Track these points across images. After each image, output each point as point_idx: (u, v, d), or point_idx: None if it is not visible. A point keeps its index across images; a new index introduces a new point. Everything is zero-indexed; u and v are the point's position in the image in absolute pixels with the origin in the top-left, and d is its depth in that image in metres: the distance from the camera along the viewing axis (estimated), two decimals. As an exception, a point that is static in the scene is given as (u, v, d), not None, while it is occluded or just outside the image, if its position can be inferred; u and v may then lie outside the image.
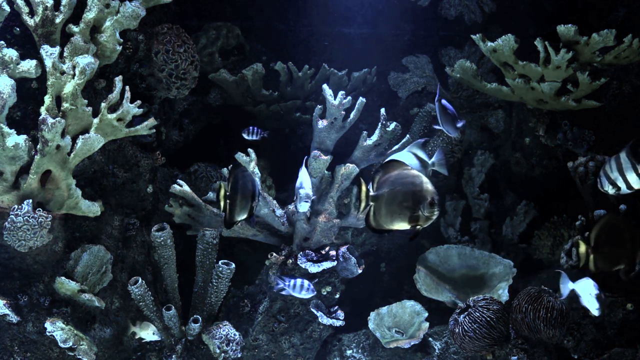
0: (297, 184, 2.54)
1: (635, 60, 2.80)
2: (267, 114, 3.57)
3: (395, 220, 2.04)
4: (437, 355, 3.10)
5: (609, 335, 2.66)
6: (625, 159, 2.41)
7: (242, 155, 2.89)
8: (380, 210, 2.06)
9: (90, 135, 2.35)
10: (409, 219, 2.00)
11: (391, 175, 2.05)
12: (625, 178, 2.40)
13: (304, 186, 2.51)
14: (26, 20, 2.41)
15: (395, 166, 2.08)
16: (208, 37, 3.48)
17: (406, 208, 1.99)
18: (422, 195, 1.97)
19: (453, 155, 3.59)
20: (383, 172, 2.08)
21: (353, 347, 3.22)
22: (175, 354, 2.84)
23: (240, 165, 2.48)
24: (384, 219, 2.05)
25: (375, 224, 2.10)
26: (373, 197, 2.07)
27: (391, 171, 2.06)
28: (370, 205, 2.08)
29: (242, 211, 2.27)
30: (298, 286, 2.80)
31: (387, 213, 2.04)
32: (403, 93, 3.80)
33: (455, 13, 3.62)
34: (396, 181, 2.03)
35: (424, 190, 1.97)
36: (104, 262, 2.62)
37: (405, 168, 2.06)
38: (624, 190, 2.44)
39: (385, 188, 2.04)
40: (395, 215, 2.02)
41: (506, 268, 3.22)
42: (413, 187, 1.99)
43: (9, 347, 2.47)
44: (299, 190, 2.51)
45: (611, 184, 2.45)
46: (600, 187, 2.51)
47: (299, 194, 2.51)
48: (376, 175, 2.08)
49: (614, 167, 2.43)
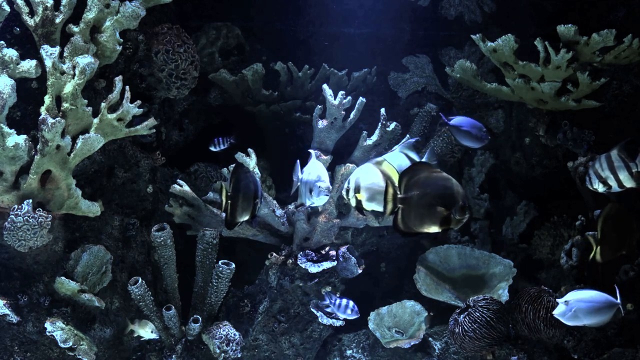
0: (309, 177, 2.36)
1: (635, 60, 2.80)
2: (267, 114, 3.57)
3: (425, 223, 1.99)
4: (437, 355, 3.10)
5: (609, 335, 2.66)
6: (616, 157, 2.41)
7: (242, 155, 2.89)
8: (410, 213, 2.00)
9: (90, 135, 2.35)
10: (440, 222, 1.97)
11: (420, 178, 2.00)
12: (616, 176, 2.41)
13: (322, 178, 2.33)
14: (26, 20, 2.41)
15: (423, 168, 2.03)
16: (208, 37, 3.48)
17: (437, 211, 1.95)
18: (454, 198, 1.93)
19: (453, 155, 3.59)
20: (411, 174, 2.02)
21: (353, 347, 3.22)
22: (175, 354, 2.84)
23: (242, 165, 2.45)
24: (413, 222, 2.00)
25: (404, 226, 2.04)
26: (402, 200, 2.01)
27: (419, 173, 2.01)
28: (399, 208, 2.02)
29: (244, 212, 2.26)
30: (343, 306, 2.82)
31: (417, 216, 1.99)
32: (403, 93, 3.80)
33: (455, 13, 3.62)
34: (426, 183, 1.98)
35: (455, 193, 1.94)
36: (104, 262, 2.63)
37: (434, 170, 2.03)
38: (615, 188, 2.44)
39: (415, 190, 1.99)
40: (425, 218, 1.98)
41: (506, 268, 3.22)
42: (445, 190, 1.95)
43: (9, 347, 2.47)
44: (316, 184, 2.32)
45: (602, 182, 2.45)
46: (590, 185, 2.50)
47: (316, 186, 2.32)
48: (404, 177, 2.03)
49: (605, 165, 2.43)
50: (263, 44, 3.80)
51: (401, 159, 2.41)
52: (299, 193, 2.44)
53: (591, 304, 2.25)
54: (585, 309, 2.26)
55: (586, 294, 2.29)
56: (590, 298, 2.27)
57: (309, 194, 2.35)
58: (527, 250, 3.44)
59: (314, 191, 2.33)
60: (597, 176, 2.45)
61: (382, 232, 3.54)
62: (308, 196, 2.36)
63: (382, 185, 2.14)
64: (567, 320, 2.31)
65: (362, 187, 2.18)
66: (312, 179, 2.35)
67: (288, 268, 3.06)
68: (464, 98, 3.68)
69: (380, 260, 3.62)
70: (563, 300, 2.31)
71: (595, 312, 2.26)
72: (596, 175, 2.46)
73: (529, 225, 3.49)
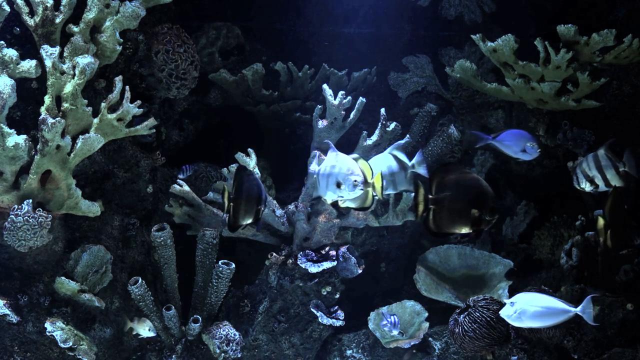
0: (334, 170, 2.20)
1: (635, 60, 2.80)
2: (267, 114, 3.57)
3: (457, 224, 2.01)
4: (437, 355, 3.10)
5: (609, 335, 2.66)
6: (603, 157, 2.43)
7: (242, 155, 2.89)
8: (441, 214, 2.01)
9: (90, 135, 2.35)
10: (471, 223, 1.97)
11: (450, 178, 2.02)
12: (604, 175, 2.42)
13: (356, 171, 2.18)
14: (26, 20, 2.41)
15: (453, 169, 2.05)
16: (208, 37, 3.48)
17: (469, 212, 1.96)
18: (486, 199, 1.96)
19: (453, 155, 3.59)
20: (441, 175, 2.04)
21: (353, 347, 3.22)
22: (175, 354, 2.84)
23: (245, 168, 2.42)
24: (445, 223, 2.02)
25: (435, 227, 2.05)
26: (433, 201, 2.02)
27: (449, 174, 2.03)
28: (430, 209, 2.03)
29: (247, 215, 2.22)
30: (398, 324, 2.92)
31: (449, 217, 2.00)
32: (403, 93, 3.80)
33: (455, 13, 3.62)
34: (457, 184, 2.00)
35: (486, 194, 1.96)
36: (104, 262, 2.63)
37: (464, 171, 2.04)
38: (602, 187, 2.45)
39: (446, 191, 2.00)
40: (457, 219, 2.00)
41: (506, 268, 3.23)
42: (477, 191, 1.97)
43: (9, 347, 2.47)
44: (348, 176, 2.16)
45: (589, 181, 2.46)
46: (577, 185, 2.52)
47: (348, 179, 2.16)
48: (434, 178, 2.04)
49: (592, 164, 2.45)
50: (263, 44, 3.80)
51: (389, 161, 2.41)
52: (315, 186, 2.32)
53: (536, 309, 2.27)
54: (529, 313, 2.28)
55: (534, 299, 2.31)
56: (537, 303, 2.28)
57: (337, 188, 2.20)
58: (527, 250, 3.44)
59: (345, 184, 2.18)
60: (584, 175, 2.47)
61: (382, 232, 3.53)
62: (334, 189, 2.22)
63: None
64: (511, 321, 2.34)
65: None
66: (340, 171, 2.19)
67: (288, 268, 3.06)
68: (464, 98, 3.68)
69: (380, 260, 3.62)
70: (510, 301, 2.32)
71: (540, 316, 2.27)
72: (583, 174, 2.47)
73: (529, 225, 3.49)
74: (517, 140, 2.70)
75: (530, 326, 2.38)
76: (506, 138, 2.72)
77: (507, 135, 2.73)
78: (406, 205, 3.07)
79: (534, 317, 2.29)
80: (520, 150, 2.69)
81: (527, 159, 2.73)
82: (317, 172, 2.28)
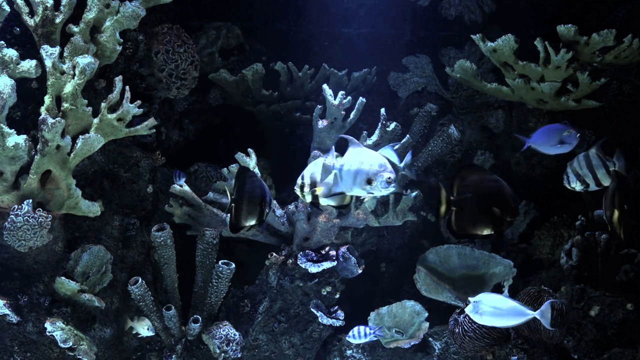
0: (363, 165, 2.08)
1: (635, 60, 2.80)
2: (267, 114, 3.57)
3: (479, 225, 2.02)
4: (437, 355, 3.10)
5: (609, 335, 2.66)
6: (594, 156, 2.43)
7: (242, 155, 2.89)
8: (464, 215, 2.02)
9: (90, 135, 2.35)
10: (493, 224, 1.99)
11: (472, 180, 2.02)
12: (594, 174, 2.42)
13: (387, 167, 2.07)
14: (26, 20, 2.41)
15: (474, 170, 2.06)
16: (208, 37, 3.48)
17: (491, 213, 1.98)
18: (507, 200, 1.97)
19: (453, 155, 3.59)
20: (462, 176, 2.04)
21: (353, 347, 3.22)
22: (175, 354, 2.84)
23: (247, 169, 2.40)
24: (467, 224, 2.03)
25: (457, 229, 2.06)
26: (455, 202, 2.03)
27: (471, 175, 2.04)
28: (452, 211, 2.03)
29: (250, 216, 2.20)
30: (362, 333, 2.88)
31: (471, 218, 2.02)
32: (403, 93, 3.80)
33: (455, 13, 3.62)
34: (479, 186, 2.01)
35: (507, 195, 1.97)
36: (104, 262, 2.63)
37: (485, 172, 2.05)
38: (592, 187, 2.46)
39: (468, 193, 2.01)
40: (479, 220, 2.01)
41: (506, 268, 3.22)
42: (498, 192, 1.98)
43: (9, 347, 2.47)
44: (381, 173, 2.06)
45: (580, 180, 2.47)
46: (567, 184, 2.52)
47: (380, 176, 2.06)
48: (456, 180, 2.04)
49: (583, 163, 2.45)
50: (263, 44, 3.80)
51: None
52: (336, 182, 2.17)
53: (493, 310, 2.32)
54: (488, 312, 2.32)
55: (493, 300, 2.34)
56: (495, 304, 2.32)
57: (366, 184, 2.09)
58: (527, 250, 3.44)
59: (376, 181, 2.07)
60: (575, 175, 2.47)
61: (382, 232, 3.53)
62: (363, 186, 2.10)
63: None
64: (475, 318, 2.38)
65: (317, 183, 2.17)
66: (372, 167, 2.08)
67: (288, 268, 3.06)
68: (464, 98, 3.68)
69: (380, 260, 3.61)
70: (474, 299, 2.37)
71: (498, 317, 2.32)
72: (574, 173, 2.48)
73: (529, 225, 3.49)
74: (549, 137, 2.64)
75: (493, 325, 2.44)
76: (537, 137, 2.67)
77: (538, 135, 2.68)
78: (406, 205, 3.07)
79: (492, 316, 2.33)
80: (557, 143, 2.63)
81: (569, 150, 2.61)
82: (340, 167, 2.13)
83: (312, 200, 2.21)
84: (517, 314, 2.29)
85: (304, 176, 2.19)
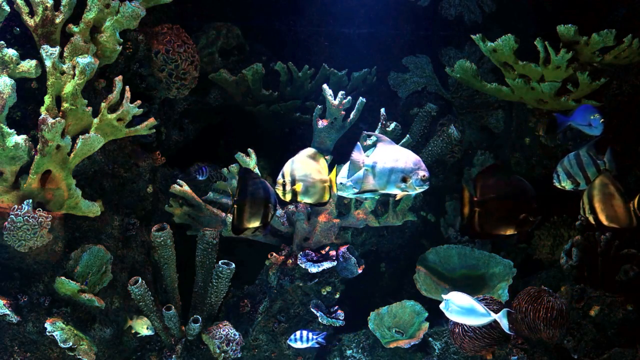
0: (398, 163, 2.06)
1: (635, 60, 2.80)
2: (267, 114, 3.57)
3: (502, 226, 2.03)
4: (437, 355, 3.10)
5: (609, 335, 2.66)
6: (585, 155, 2.43)
7: (242, 155, 2.89)
8: (487, 216, 2.04)
9: (90, 135, 2.35)
10: (517, 224, 2.00)
11: (494, 181, 2.04)
12: (585, 173, 2.43)
13: (422, 165, 2.06)
14: (26, 20, 2.41)
15: (497, 171, 2.07)
16: (208, 37, 3.48)
17: (514, 213, 1.99)
18: (530, 200, 1.98)
19: (453, 155, 3.59)
20: (485, 177, 2.06)
21: (353, 347, 3.22)
22: (175, 354, 2.84)
23: (250, 170, 2.38)
24: (490, 225, 2.04)
25: (480, 229, 2.07)
26: (478, 203, 2.04)
27: (493, 176, 2.05)
28: (475, 211, 2.05)
29: (253, 218, 2.16)
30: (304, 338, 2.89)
31: (495, 219, 2.03)
32: (403, 93, 3.80)
33: (455, 13, 3.62)
34: (502, 187, 2.02)
35: (530, 195, 1.98)
36: (104, 262, 2.63)
37: (508, 173, 2.06)
38: (582, 186, 2.46)
39: (491, 194, 2.02)
40: (502, 220, 2.02)
41: (506, 268, 3.23)
42: (522, 192, 2.00)
43: (9, 347, 2.47)
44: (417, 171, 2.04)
45: (570, 179, 2.47)
46: (558, 183, 2.53)
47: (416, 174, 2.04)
48: (479, 181, 2.06)
49: (574, 162, 2.46)
50: (263, 44, 3.80)
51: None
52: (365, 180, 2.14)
53: (459, 309, 2.36)
54: (455, 311, 2.37)
55: (460, 299, 2.37)
56: (460, 304, 2.36)
57: (402, 182, 2.08)
58: (527, 250, 3.44)
59: (412, 179, 2.05)
60: (565, 173, 2.48)
61: (382, 232, 3.54)
62: (398, 183, 2.08)
63: (316, 177, 2.14)
64: (447, 315, 2.42)
65: (297, 180, 2.14)
66: (407, 165, 2.06)
67: (288, 268, 3.06)
68: (464, 98, 3.68)
69: (380, 260, 3.62)
70: (445, 297, 2.41)
71: (465, 316, 2.37)
72: (565, 172, 2.48)
73: (529, 225, 3.49)
74: (583, 115, 2.61)
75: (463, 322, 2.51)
76: (576, 115, 2.63)
77: (577, 112, 2.64)
78: (406, 205, 3.07)
79: (459, 315, 2.38)
80: (586, 124, 2.60)
81: (596, 134, 2.56)
82: (373, 164, 2.10)
83: (292, 199, 2.19)
84: (479, 315, 2.34)
85: (283, 174, 2.14)
